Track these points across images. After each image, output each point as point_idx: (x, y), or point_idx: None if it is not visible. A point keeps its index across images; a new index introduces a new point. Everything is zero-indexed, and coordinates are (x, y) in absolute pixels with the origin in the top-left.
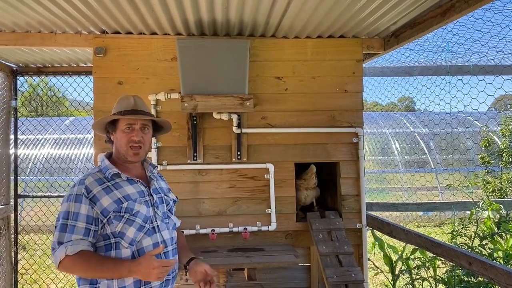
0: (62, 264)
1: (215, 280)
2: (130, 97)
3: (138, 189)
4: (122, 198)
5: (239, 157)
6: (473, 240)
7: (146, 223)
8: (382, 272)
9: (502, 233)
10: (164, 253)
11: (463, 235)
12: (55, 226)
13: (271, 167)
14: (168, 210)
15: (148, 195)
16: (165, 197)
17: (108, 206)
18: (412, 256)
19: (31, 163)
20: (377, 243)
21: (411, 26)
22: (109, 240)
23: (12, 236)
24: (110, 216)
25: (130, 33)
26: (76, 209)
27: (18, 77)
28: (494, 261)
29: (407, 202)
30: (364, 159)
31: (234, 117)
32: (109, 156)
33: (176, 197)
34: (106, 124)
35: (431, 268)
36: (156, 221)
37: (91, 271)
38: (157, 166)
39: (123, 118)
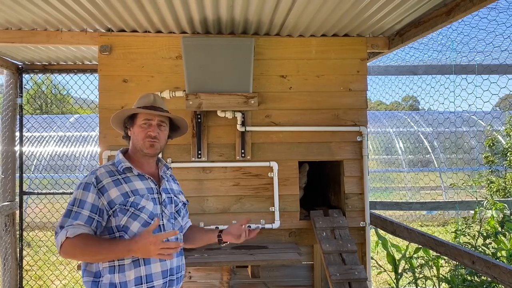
0: (63, 248)
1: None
2: (150, 95)
3: (148, 185)
4: (130, 192)
5: (243, 155)
6: (476, 239)
7: (152, 220)
8: (385, 270)
9: (506, 233)
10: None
11: (466, 234)
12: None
13: (275, 165)
14: (176, 211)
15: (157, 193)
16: (175, 198)
17: (115, 198)
18: (415, 255)
19: (36, 160)
20: (380, 241)
21: (416, 25)
22: (113, 234)
23: (17, 232)
24: (116, 209)
25: (136, 31)
26: (83, 197)
27: (23, 75)
28: (498, 260)
29: (411, 201)
30: (368, 158)
31: (239, 115)
32: (125, 152)
33: (186, 200)
34: (124, 120)
35: (434, 267)
36: (162, 220)
37: (89, 253)
38: (171, 168)
39: (142, 113)
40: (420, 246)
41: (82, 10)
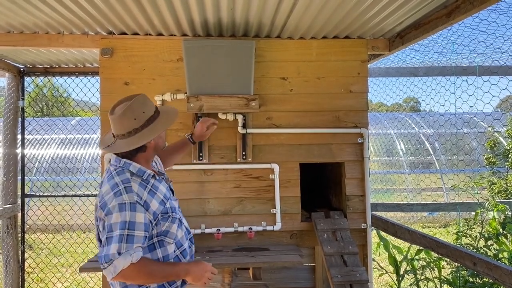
0: (123, 272)
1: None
2: (145, 96)
3: (165, 186)
4: (163, 198)
5: (244, 157)
6: (478, 241)
7: (177, 217)
8: (387, 272)
9: (508, 234)
10: (189, 239)
11: (468, 236)
12: (107, 237)
13: (276, 167)
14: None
15: (170, 189)
16: (172, 187)
17: (157, 209)
18: (417, 257)
19: (37, 162)
20: (382, 243)
21: (416, 27)
22: (151, 240)
23: (19, 235)
24: (158, 219)
25: (137, 34)
26: (132, 218)
27: (25, 78)
28: (499, 261)
29: (412, 202)
30: (369, 159)
31: (240, 118)
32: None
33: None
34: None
35: (436, 269)
36: (178, 213)
37: (153, 277)
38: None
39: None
40: (421, 247)
41: (84, 13)
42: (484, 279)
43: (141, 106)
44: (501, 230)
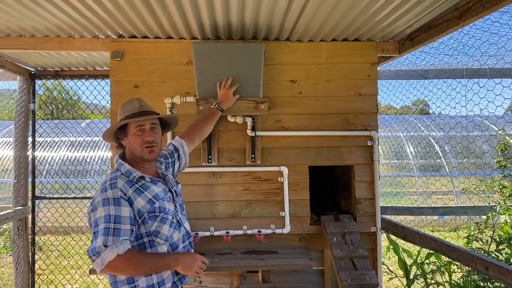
0: (110, 265)
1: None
2: (134, 100)
3: (161, 187)
4: (152, 198)
5: (253, 159)
6: (489, 245)
7: (173, 218)
8: (396, 276)
9: None
10: (189, 243)
11: (479, 239)
12: (95, 232)
13: (285, 170)
14: (182, 201)
15: (169, 191)
16: (178, 190)
17: (143, 207)
18: (427, 261)
19: (48, 165)
20: (391, 247)
21: (427, 29)
22: (142, 240)
23: (30, 236)
24: (145, 217)
25: (147, 37)
26: (117, 212)
27: (36, 81)
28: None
29: (422, 206)
30: (379, 162)
31: (249, 120)
32: (123, 158)
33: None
34: (115, 132)
35: (446, 273)
36: (178, 215)
37: (142, 267)
38: (161, 159)
39: (133, 122)
40: (431, 251)
41: (94, 17)
42: (496, 283)
43: (120, 110)
44: None
